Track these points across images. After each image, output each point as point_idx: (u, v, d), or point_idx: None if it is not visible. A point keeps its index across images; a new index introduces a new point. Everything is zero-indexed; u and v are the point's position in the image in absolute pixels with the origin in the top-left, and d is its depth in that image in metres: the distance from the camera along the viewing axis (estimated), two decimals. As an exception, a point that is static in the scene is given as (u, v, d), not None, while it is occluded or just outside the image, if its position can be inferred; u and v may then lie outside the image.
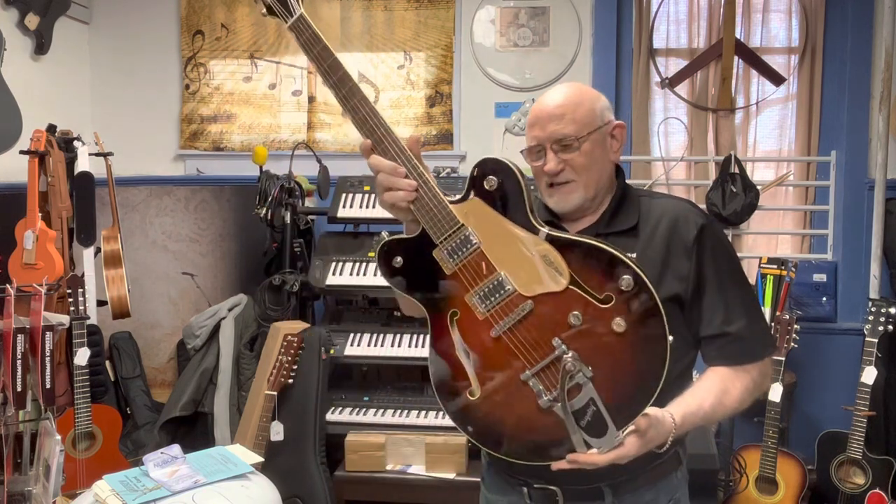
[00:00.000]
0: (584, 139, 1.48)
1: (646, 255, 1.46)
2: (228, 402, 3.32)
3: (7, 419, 2.05)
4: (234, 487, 1.50)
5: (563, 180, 1.50)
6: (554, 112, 1.49)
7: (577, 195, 1.50)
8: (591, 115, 1.50)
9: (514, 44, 4.00)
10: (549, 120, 1.49)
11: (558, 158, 1.49)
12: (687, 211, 1.52)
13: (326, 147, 4.13)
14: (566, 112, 1.49)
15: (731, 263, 1.52)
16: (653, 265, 1.44)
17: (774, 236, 3.98)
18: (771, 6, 3.89)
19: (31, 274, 3.07)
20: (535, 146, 1.51)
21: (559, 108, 1.49)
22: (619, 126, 1.55)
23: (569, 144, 1.48)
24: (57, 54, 3.96)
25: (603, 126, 1.51)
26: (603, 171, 1.52)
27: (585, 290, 1.30)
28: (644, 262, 1.42)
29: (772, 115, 3.96)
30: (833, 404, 3.34)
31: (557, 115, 1.49)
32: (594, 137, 1.49)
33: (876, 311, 3.02)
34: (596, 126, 1.50)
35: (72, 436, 2.97)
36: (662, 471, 1.50)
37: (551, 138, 1.49)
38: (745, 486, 3.09)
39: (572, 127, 1.48)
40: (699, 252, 1.47)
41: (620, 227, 1.50)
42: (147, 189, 3.90)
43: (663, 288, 1.41)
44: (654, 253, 1.47)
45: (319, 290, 3.33)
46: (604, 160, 1.52)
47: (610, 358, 1.28)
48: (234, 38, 4.21)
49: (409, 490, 3.02)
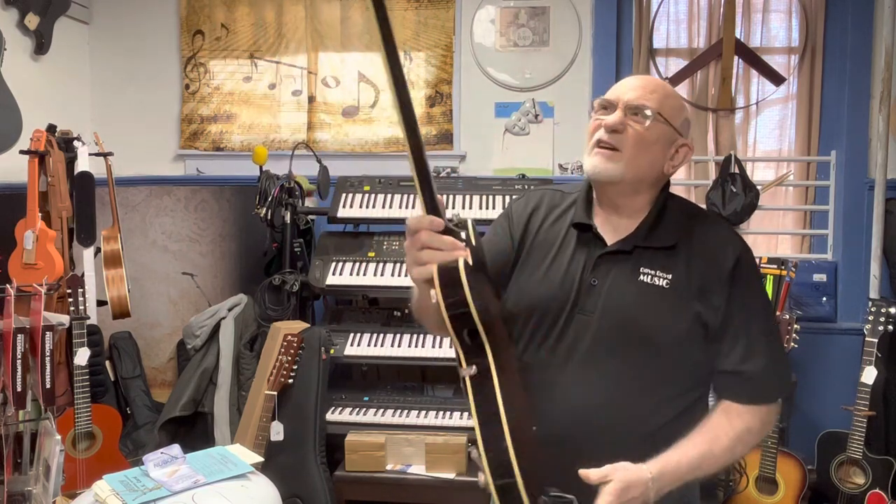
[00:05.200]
0: (657, 119, 1.42)
1: (682, 279, 1.42)
2: (228, 402, 3.32)
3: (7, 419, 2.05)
4: (234, 487, 1.50)
5: (613, 144, 1.42)
6: (645, 85, 1.45)
7: (616, 167, 1.42)
8: (677, 112, 1.46)
9: (514, 44, 4.00)
10: (635, 88, 1.44)
11: (624, 120, 1.42)
12: (726, 239, 1.46)
13: (326, 147, 4.13)
14: (656, 90, 1.44)
15: (762, 299, 1.48)
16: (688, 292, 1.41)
17: (774, 236, 3.98)
18: (771, 6, 3.89)
19: (31, 274, 3.07)
20: (610, 100, 1.44)
21: (651, 84, 1.45)
22: (688, 146, 1.49)
23: (641, 112, 1.42)
24: (57, 54, 3.96)
25: (678, 129, 1.46)
26: (652, 167, 1.45)
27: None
28: (679, 286, 1.41)
29: (772, 115, 3.96)
30: (833, 404, 3.34)
31: (649, 90, 1.44)
32: (665, 130, 1.43)
33: (876, 311, 3.02)
34: (673, 122, 1.44)
35: (72, 436, 2.97)
36: None
37: (630, 103, 1.42)
38: (745, 486, 3.09)
39: (655, 104, 1.42)
40: (732, 284, 1.42)
41: (660, 244, 1.45)
42: (147, 189, 3.90)
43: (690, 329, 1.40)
44: (692, 279, 1.42)
45: (319, 290, 3.33)
46: (658, 158, 1.45)
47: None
48: (234, 38, 4.21)
49: (409, 490, 3.03)
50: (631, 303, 1.42)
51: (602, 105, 1.46)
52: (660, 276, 1.42)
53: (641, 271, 1.43)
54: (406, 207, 3.41)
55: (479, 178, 3.65)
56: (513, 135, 3.99)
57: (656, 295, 1.41)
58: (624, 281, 1.43)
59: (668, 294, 1.41)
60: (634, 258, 1.44)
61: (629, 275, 1.43)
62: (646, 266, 1.43)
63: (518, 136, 4.00)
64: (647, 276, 1.42)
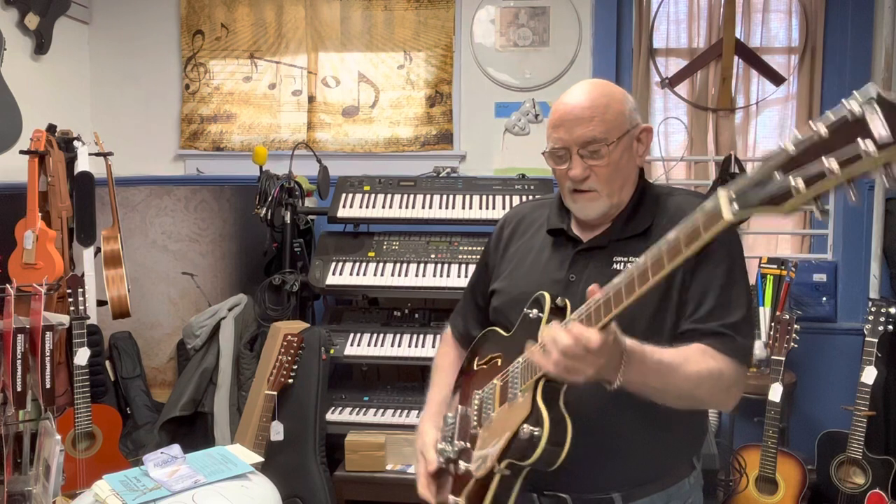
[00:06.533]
0: (613, 145, 1.39)
1: None
2: (228, 402, 3.32)
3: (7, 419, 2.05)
4: (234, 487, 1.50)
5: (588, 188, 1.42)
6: (582, 114, 1.39)
7: (601, 203, 1.43)
8: (621, 117, 1.41)
9: (514, 44, 4.00)
10: (576, 122, 1.39)
11: (585, 164, 1.40)
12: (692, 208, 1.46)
13: (326, 147, 4.13)
14: (595, 114, 1.38)
15: (735, 263, 1.41)
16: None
17: (774, 236, 3.98)
18: (771, 6, 3.89)
19: (31, 274, 3.07)
20: (560, 149, 1.41)
21: (587, 109, 1.39)
22: (647, 130, 1.47)
23: (597, 150, 1.39)
24: (57, 54, 3.96)
25: (631, 129, 1.43)
26: (628, 177, 1.45)
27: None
28: None
29: (772, 115, 3.96)
30: (833, 404, 3.34)
31: (586, 118, 1.39)
32: (623, 142, 1.41)
33: (876, 311, 3.01)
34: (625, 130, 1.41)
35: (72, 436, 2.97)
36: (674, 477, 1.46)
37: (578, 142, 1.39)
38: (745, 486, 3.09)
39: (601, 130, 1.38)
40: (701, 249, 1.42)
41: (633, 232, 1.44)
42: (147, 189, 3.90)
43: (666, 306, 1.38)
44: None
45: (319, 290, 3.33)
46: (630, 166, 1.44)
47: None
48: (234, 37, 4.21)
49: (409, 490, 2.99)
50: None
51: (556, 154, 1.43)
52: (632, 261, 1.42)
53: (615, 260, 1.43)
54: (406, 207, 3.41)
55: (479, 178, 3.65)
56: (513, 135, 3.99)
57: None
58: (599, 273, 1.43)
59: None
60: (609, 250, 1.45)
61: (604, 267, 1.44)
62: (619, 255, 1.43)
63: (518, 136, 4.00)
64: (619, 265, 1.42)
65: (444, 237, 3.41)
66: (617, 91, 1.45)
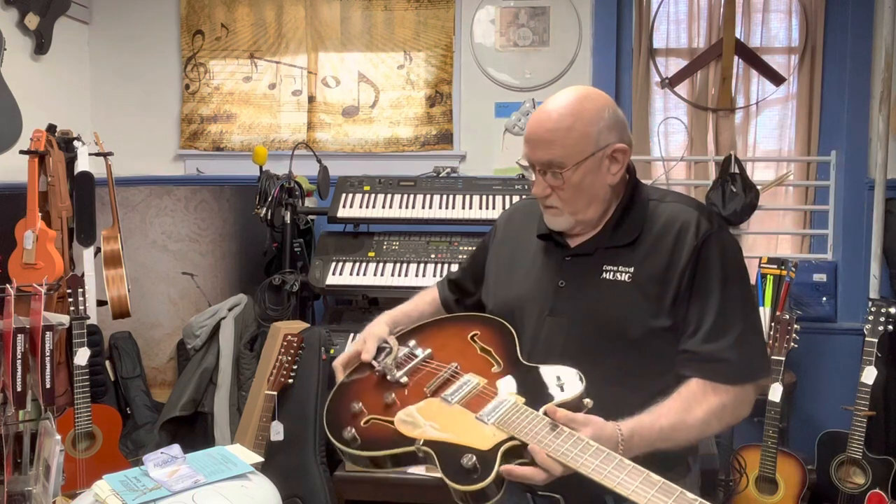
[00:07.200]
0: (570, 170, 1.41)
1: (643, 271, 1.42)
2: (228, 402, 3.32)
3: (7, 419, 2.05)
4: (234, 487, 1.50)
5: (550, 205, 1.47)
6: (543, 136, 1.42)
7: (564, 220, 1.48)
8: (584, 140, 1.41)
9: (514, 44, 4.00)
10: (537, 144, 1.44)
11: (545, 183, 1.44)
12: (693, 218, 1.43)
13: (326, 147, 4.13)
14: (555, 138, 1.41)
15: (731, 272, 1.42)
16: (651, 282, 1.41)
17: (774, 236, 3.98)
18: (771, 6, 3.89)
19: (31, 274, 3.07)
20: (528, 162, 1.48)
21: (549, 132, 1.42)
22: (621, 150, 1.45)
23: (557, 173, 1.42)
24: (57, 54, 3.96)
25: (598, 151, 1.43)
26: (595, 196, 1.46)
27: None
28: (641, 278, 1.41)
29: (772, 115, 3.96)
30: (833, 404, 3.34)
31: (546, 141, 1.42)
32: (585, 166, 1.42)
33: (876, 311, 3.01)
34: (587, 153, 1.42)
35: (72, 436, 2.97)
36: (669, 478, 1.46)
37: (539, 163, 1.44)
38: (745, 486, 3.09)
39: (560, 155, 1.41)
40: (696, 263, 1.40)
41: (621, 242, 1.46)
42: (147, 189, 3.90)
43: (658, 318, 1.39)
44: (654, 268, 1.42)
45: (319, 290, 3.33)
46: (596, 186, 1.45)
47: None
48: (234, 38, 4.21)
49: (409, 490, 3.02)
50: (597, 301, 1.44)
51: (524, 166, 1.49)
52: (622, 270, 1.44)
53: (604, 268, 1.45)
54: (406, 207, 3.41)
55: (479, 178, 3.65)
56: (513, 135, 3.99)
57: (620, 290, 1.43)
58: (588, 281, 1.46)
59: (631, 288, 1.42)
60: (597, 257, 1.47)
61: (593, 275, 1.46)
62: (608, 263, 1.45)
63: (518, 136, 3.99)
64: (609, 273, 1.44)
65: (444, 237, 3.41)
66: (589, 109, 1.43)
